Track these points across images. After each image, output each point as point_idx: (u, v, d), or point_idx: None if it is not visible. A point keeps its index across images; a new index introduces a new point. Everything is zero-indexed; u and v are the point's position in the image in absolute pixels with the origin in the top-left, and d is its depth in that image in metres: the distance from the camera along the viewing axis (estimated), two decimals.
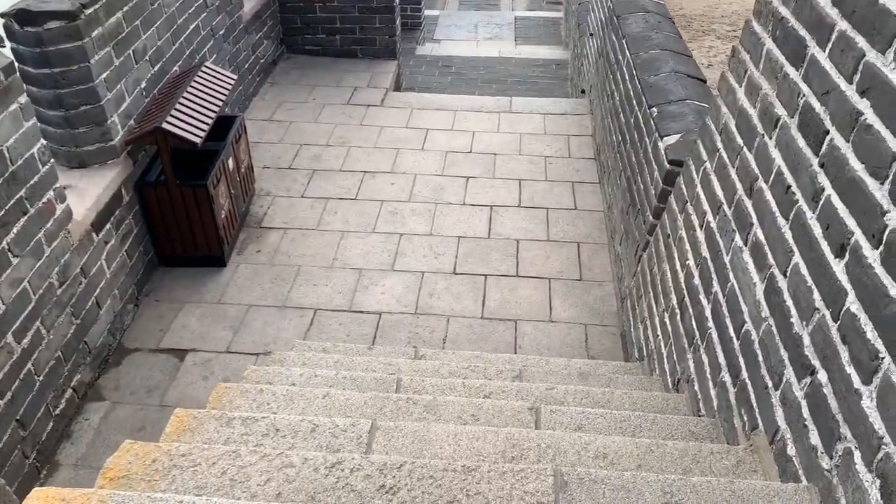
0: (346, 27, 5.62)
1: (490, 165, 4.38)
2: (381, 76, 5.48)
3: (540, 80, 7.36)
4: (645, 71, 3.38)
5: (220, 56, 4.47)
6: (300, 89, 5.27)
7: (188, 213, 3.34)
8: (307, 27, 5.65)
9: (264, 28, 5.29)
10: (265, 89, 5.25)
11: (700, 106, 3.02)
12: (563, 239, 3.71)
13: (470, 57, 7.85)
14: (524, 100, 5.18)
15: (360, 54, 5.75)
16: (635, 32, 3.77)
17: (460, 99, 5.21)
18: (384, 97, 5.19)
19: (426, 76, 7.44)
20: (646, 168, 3.07)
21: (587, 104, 5.11)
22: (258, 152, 4.49)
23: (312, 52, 5.76)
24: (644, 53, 3.54)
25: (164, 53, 3.64)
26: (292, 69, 5.56)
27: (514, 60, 7.79)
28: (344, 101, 5.11)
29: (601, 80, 4.53)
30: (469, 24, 12.08)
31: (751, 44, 2.13)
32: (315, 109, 5.00)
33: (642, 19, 3.93)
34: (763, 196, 1.81)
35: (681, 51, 3.57)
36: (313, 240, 3.72)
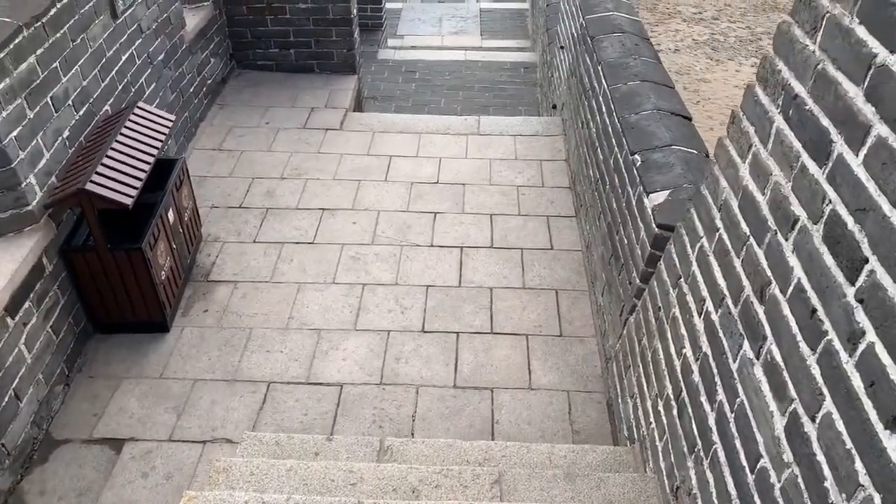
0: (300, 41, 5.23)
1: (459, 198, 4.07)
2: (340, 94, 5.11)
3: (508, 85, 7.05)
4: (625, 107, 3.09)
5: (160, 84, 4.07)
6: (252, 111, 4.88)
7: (123, 278, 2.98)
8: (258, 41, 5.24)
9: (211, 45, 4.88)
10: (214, 112, 4.86)
11: (687, 153, 2.75)
12: (539, 286, 3.43)
13: (434, 61, 7.50)
14: (493, 120, 4.87)
15: (318, 69, 5.37)
16: (612, 59, 3.48)
17: (425, 120, 4.87)
18: (343, 119, 4.83)
19: (389, 83, 7.08)
20: (629, 222, 2.79)
21: (559, 123, 4.82)
22: (206, 188, 4.11)
23: (265, 68, 5.37)
24: (623, 85, 3.25)
25: (92, 93, 3.24)
26: (244, 87, 5.16)
27: (481, 64, 7.46)
28: (300, 125, 4.74)
29: (574, 101, 4.24)
30: (433, 18, 11.67)
31: (756, 116, 1.85)
32: (268, 135, 4.62)
33: (619, 42, 3.63)
34: (778, 308, 1.54)
35: (661, 80, 3.29)
36: (267, 294, 3.38)
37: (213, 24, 4.89)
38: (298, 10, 5.07)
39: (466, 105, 6.70)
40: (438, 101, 6.76)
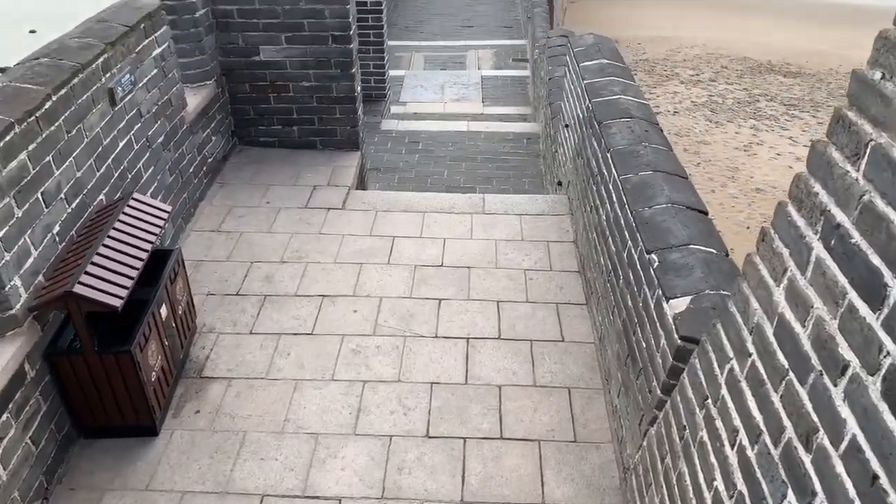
0: (304, 118, 5.19)
1: (464, 282, 3.93)
2: (343, 171, 5.04)
3: (511, 156, 7.00)
4: (637, 200, 2.98)
5: (159, 167, 3.98)
6: (253, 190, 4.79)
7: (111, 381, 2.81)
8: (261, 118, 5.20)
9: (212, 123, 4.83)
10: (214, 191, 4.76)
11: (707, 254, 2.62)
12: (551, 383, 3.25)
13: (437, 132, 7.48)
14: (498, 198, 4.77)
15: (320, 146, 5.31)
16: (622, 146, 3.39)
17: (429, 198, 4.77)
18: (346, 197, 4.73)
19: (392, 154, 7.04)
20: (647, 325, 2.64)
21: (566, 202, 4.72)
22: (203, 273, 3.98)
23: (267, 144, 5.31)
24: (634, 175, 3.15)
25: (86, 184, 3.14)
26: (245, 165, 5.08)
27: (484, 135, 7.44)
28: (301, 204, 4.64)
29: (581, 183, 4.14)
30: (435, 85, 11.79)
31: (790, 238, 1.71)
32: (269, 216, 4.52)
33: (627, 128, 3.55)
34: (829, 462, 1.37)
35: (674, 170, 3.19)
36: (262, 393, 3.20)
37: (215, 102, 4.85)
38: (302, 87, 5.04)
39: (469, 176, 6.64)
40: (441, 172, 6.70)
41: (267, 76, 5.00)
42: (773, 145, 17.43)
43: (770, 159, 16.84)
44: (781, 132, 18.23)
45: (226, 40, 4.85)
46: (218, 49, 4.86)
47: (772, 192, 15.49)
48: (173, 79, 4.15)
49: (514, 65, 12.54)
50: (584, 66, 4.37)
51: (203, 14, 4.61)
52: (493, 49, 13.41)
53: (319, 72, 4.97)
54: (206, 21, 4.67)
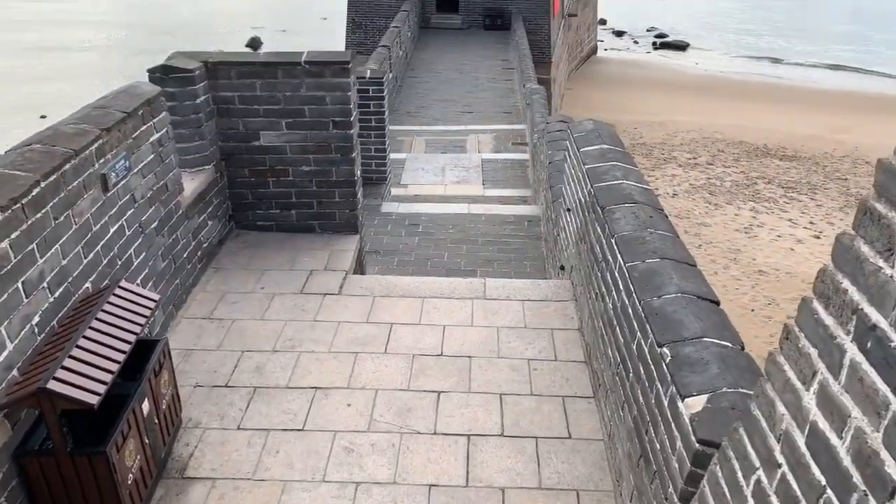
0: (302, 202, 5.14)
1: (465, 373, 3.75)
2: (341, 255, 4.94)
3: (512, 239, 6.94)
4: (645, 289, 2.85)
5: (151, 253, 3.88)
6: (248, 275, 4.68)
7: (83, 485, 2.60)
8: (259, 202, 5.15)
9: (209, 208, 4.77)
10: (208, 276, 4.65)
11: (722, 347, 2.47)
12: (558, 485, 3.02)
13: (438, 214, 7.45)
14: (500, 283, 4.64)
15: (318, 229, 5.23)
16: (626, 232, 3.29)
17: (429, 283, 4.65)
18: (343, 282, 4.61)
19: (392, 237, 6.97)
20: (661, 424, 2.46)
21: (569, 288, 4.59)
22: (191, 364, 3.81)
23: (265, 228, 5.24)
24: (640, 263, 3.03)
25: (72, 272, 3.03)
26: (241, 249, 4.99)
27: (485, 217, 7.40)
28: (297, 290, 4.52)
29: (585, 269, 4.03)
30: (436, 168, 11.91)
31: (818, 338, 1.57)
32: (263, 302, 4.38)
33: (631, 214, 3.47)
34: None
35: (683, 258, 3.08)
36: (248, 496, 2.97)
37: (213, 187, 4.81)
38: (302, 172, 5.02)
39: (470, 259, 6.55)
40: (442, 255, 6.62)
41: (266, 161, 4.98)
42: (774, 227, 17.48)
43: (771, 241, 16.85)
44: (781, 214, 18.33)
45: (226, 126, 4.86)
46: (218, 134, 4.87)
47: (774, 274, 15.41)
48: (170, 164, 4.11)
49: (514, 148, 12.72)
50: (585, 151, 4.34)
51: (204, 100, 4.63)
52: (493, 133, 13.64)
53: (319, 156, 4.96)
54: (207, 107, 4.69)
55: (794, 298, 14.24)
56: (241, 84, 4.73)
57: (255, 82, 4.73)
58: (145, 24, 39.24)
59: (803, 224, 17.81)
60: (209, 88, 4.71)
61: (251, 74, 4.71)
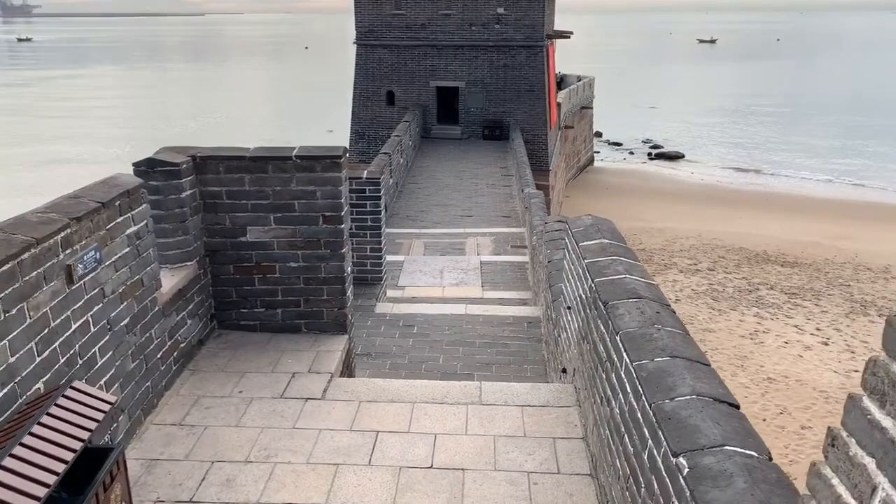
0: (289, 300, 4.89)
1: (457, 489, 3.36)
2: (327, 356, 4.63)
3: (511, 341, 6.63)
4: (656, 391, 2.55)
5: (120, 352, 3.60)
6: (226, 378, 4.36)
7: None
8: (244, 300, 4.91)
9: (189, 306, 4.52)
10: (183, 379, 4.33)
11: (747, 457, 2.14)
12: None
13: (434, 315, 7.18)
14: (497, 387, 4.31)
15: (305, 329, 4.96)
16: (632, 329, 3.02)
17: (420, 387, 4.32)
18: (327, 386, 4.28)
19: (385, 338, 6.67)
20: None
21: (572, 392, 4.26)
22: (155, 476, 3.43)
23: (248, 328, 4.96)
24: (649, 362, 2.75)
25: (21, 370, 2.74)
26: (221, 350, 4.70)
27: (482, 318, 7.13)
28: (277, 394, 4.18)
29: (589, 371, 3.72)
30: (434, 270, 11.75)
31: (875, 443, 1.28)
32: (240, 407, 4.04)
33: (636, 309, 3.21)
34: None
35: (695, 357, 2.79)
36: None
37: (194, 283, 4.58)
38: (289, 268, 4.81)
39: (467, 362, 6.22)
40: (437, 357, 6.30)
41: (253, 257, 4.79)
42: (780, 333, 17.11)
43: (778, 347, 16.43)
44: (786, 320, 18.01)
45: (212, 221, 4.70)
46: (203, 229, 4.70)
47: (784, 382, 14.89)
48: (148, 258, 3.91)
49: (514, 251, 12.62)
50: (584, 245, 4.14)
51: (189, 195, 4.49)
52: (493, 236, 13.60)
53: (308, 252, 4.77)
54: (193, 202, 4.54)
55: (806, 407, 13.67)
56: (229, 179, 4.61)
57: (243, 177, 4.61)
58: (152, 137, 40.63)
59: (810, 330, 17.44)
60: (196, 183, 4.58)
61: (240, 169, 4.60)
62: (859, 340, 16.62)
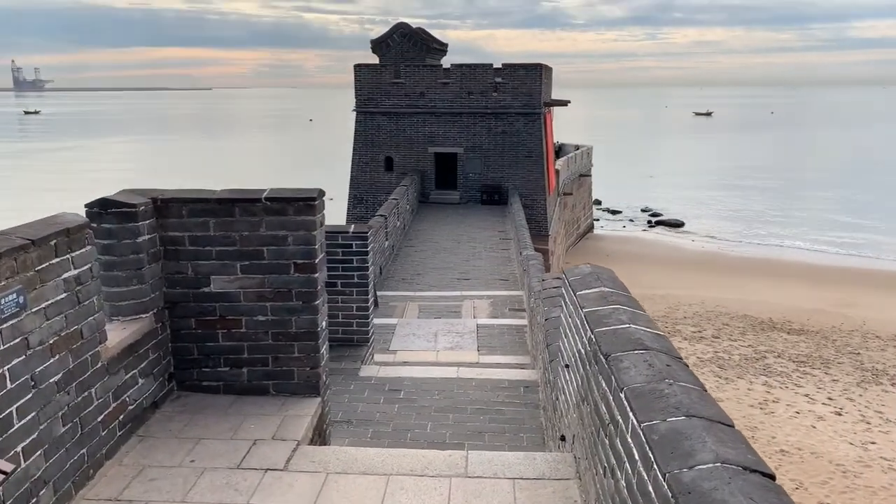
0: (255, 357, 4.41)
1: None
2: (295, 421, 4.12)
3: (506, 407, 6.09)
4: (670, 458, 2.06)
5: (46, 414, 3.10)
6: (179, 445, 3.83)
7: None
8: (207, 358, 4.42)
9: (142, 363, 4.04)
10: (129, 447, 3.81)
11: None
12: None
13: (423, 379, 6.65)
14: (485, 457, 3.78)
15: (273, 390, 4.46)
16: (639, 384, 2.55)
17: (397, 456, 3.79)
18: (292, 455, 3.76)
19: (369, 404, 6.13)
20: None
21: (571, 462, 3.73)
22: None
23: (211, 390, 4.46)
24: (661, 422, 2.27)
25: None
26: (178, 414, 4.19)
27: (475, 382, 6.60)
28: (234, 464, 3.65)
29: (590, 437, 3.22)
30: (428, 333, 11.23)
31: None
32: (189, 479, 3.51)
33: (643, 362, 2.75)
34: None
35: (716, 416, 2.32)
36: None
37: (150, 338, 4.11)
38: (256, 322, 4.35)
39: (457, 430, 5.67)
40: (424, 425, 5.75)
41: (216, 309, 4.34)
42: (791, 403, 16.37)
43: (790, 418, 15.67)
44: (796, 389, 17.28)
45: (173, 269, 4.27)
46: (162, 279, 4.26)
47: (798, 455, 14.08)
48: (90, 307, 3.46)
49: (512, 314, 12.13)
50: (582, 294, 3.70)
51: (147, 240, 4.09)
52: (490, 299, 13.13)
53: (277, 304, 4.32)
54: (151, 248, 4.13)
55: (823, 482, 12.85)
56: (192, 223, 4.21)
57: (208, 221, 4.22)
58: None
59: (821, 400, 16.71)
60: (156, 227, 4.18)
61: (205, 212, 4.21)
62: (874, 410, 15.90)
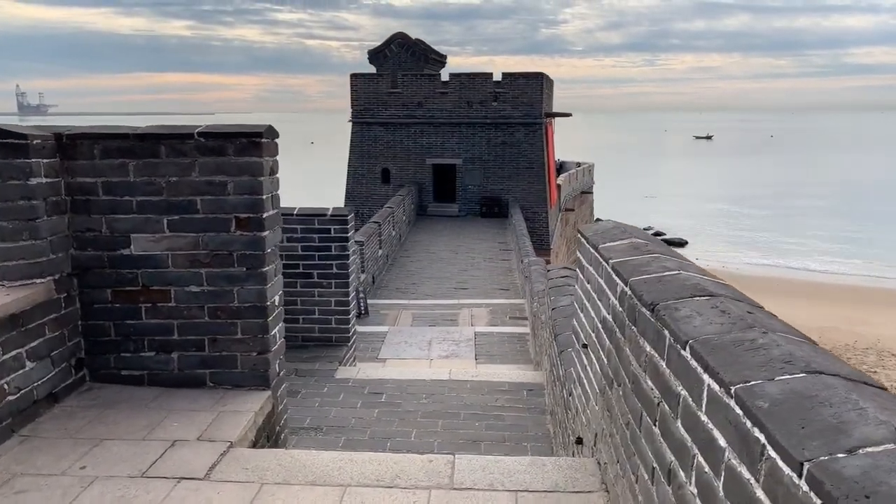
0: (188, 339, 3.48)
1: None
2: (232, 419, 3.17)
3: (506, 412, 5.13)
4: (805, 439, 1.14)
5: None
6: (71, 448, 2.89)
7: None
8: (127, 340, 3.49)
9: (33, 342, 3.10)
10: (2, 450, 2.86)
11: None
12: None
13: (409, 380, 5.70)
14: (478, 463, 2.83)
15: (211, 381, 3.52)
16: (712, 334, 1.62)
17: (359, 462, 2.84)
18: (219, 460, 2.81)
19: (344, 408, 5.18)
20: None
21: (594, 470, 2.77)
22: None
23: (133, 380, 3.52)
24: (767, 382, 1.34)
25: None
26: (83, 410, 3.24)
27: (471, 384, 5.65)
28: (137, 471, 2.71)
29: (622, 431, 2.28)
30: (422, 342, 10.27)
31: None
32: (71, 490, 2.56)
33: (711, 308, 1.82)
34: None
35: (854, 375, 1.40)
36: None
37: (45, 311, 3.19)
38: (189, 294, 3.42)
39: (447, 439, 4.71)
40: (408, 432, 4.78)
41: (139, 278, 3.42)
42: None
43: None
44: None
45: (82, 226, 3.36)
46: (68, 237, 3.35)
47: None
48: None
49: (512, 322, 11.17)
50: (608, 247, 2.79)
51: (46, 185, 3.18)
52: (489, 307, 12.18)
53: (215, 271, 3.40)
54: (52, 195, 3.23)
55: None
56: (107, 166, 3.31)
57: (127, 164, 3.32)
58: None
59: None
60: (60, 171, 3.28)
61: (123, 152, 3.31)
62: None
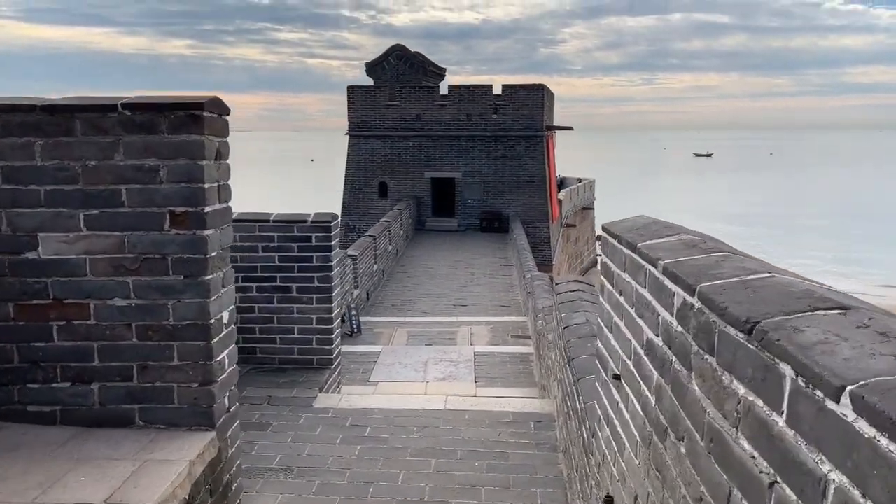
0: (111, 366, 2.76)
1: None
2: (157, 470, 2.44)
3: (511, 450, 4.39)
4: None
5: None
6: None
7: None
8: (35, 368, 2.77)
9: None
10: None
11: None
12: None
13: (398, 410, 4.96)
14: None
15: (140, 420, 2.79)
16: (885, 376, 0.92)
17: None
18: None
19: (321, 445, 4.44)
20: None
21: None
22: None
23: (43, 419, 2.79)
24: None
25: None
26: None
27: (469, 415, 4.90)
28: None
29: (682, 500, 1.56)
30: (417, 362, 9.52)
31: None
32: None
33: (856, 328, 1.11)
34: None
35: None
36: None
37: None
38: (112, 309, 2.71)
39: (441, 483, 3.97)
40: (395, 475, 4.04)
41: (49, 288, 2.70)
42: None
43: None
44: None
45: None
46: None
47: None
48: None
49: (514, 341, 10.42)
50: (650, 245, 2.08)
51: None
52: (490, 325, 11.44)
53: (145, 280, 2.69)
54: None
55: None
56: (7, 146, 2.62)
57: (33, 143, 2.62)
58: None
59: None
60: None
61: (27, 129, 2.62)
62: None
